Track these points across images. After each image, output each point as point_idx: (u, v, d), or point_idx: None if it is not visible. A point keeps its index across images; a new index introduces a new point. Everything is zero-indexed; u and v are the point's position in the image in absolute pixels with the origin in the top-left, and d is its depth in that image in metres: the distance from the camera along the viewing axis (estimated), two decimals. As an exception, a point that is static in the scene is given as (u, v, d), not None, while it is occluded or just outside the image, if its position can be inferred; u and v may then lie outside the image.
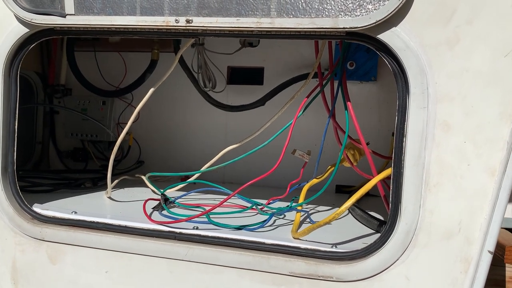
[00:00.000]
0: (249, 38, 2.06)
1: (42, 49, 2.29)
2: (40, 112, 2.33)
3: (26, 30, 1.32)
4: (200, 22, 1.19)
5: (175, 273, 1.28)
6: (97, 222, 1.36)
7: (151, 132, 2.32)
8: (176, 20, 1.20)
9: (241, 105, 2.08)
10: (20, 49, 1.35)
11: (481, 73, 1.06)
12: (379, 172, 1.29)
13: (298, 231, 1.31)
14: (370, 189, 1.24)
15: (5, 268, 1.41)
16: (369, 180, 1.29)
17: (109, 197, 1.70)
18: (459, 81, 1.07)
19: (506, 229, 1.77)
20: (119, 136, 1.60)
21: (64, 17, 1.27)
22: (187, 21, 1.19)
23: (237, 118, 2.19)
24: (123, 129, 1.60)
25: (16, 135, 1.38)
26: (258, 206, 1.61)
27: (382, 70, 1.99)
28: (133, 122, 1.63)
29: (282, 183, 1.77)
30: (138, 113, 1.61)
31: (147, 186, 1.83)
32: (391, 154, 1.80)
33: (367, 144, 1.37)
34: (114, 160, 1.67)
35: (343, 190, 2.10)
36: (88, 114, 2.22)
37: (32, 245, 1.39)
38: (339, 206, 1.22)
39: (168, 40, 2.06)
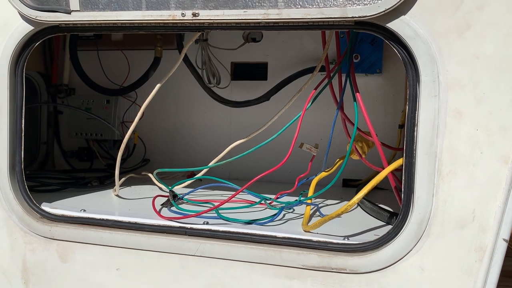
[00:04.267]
0: (256, 31, 2.05)
1: (45, 49, 2.28)
2: (44, 113, 2.32)
3: (31, 28, 1.31)
4: (207, 15, 1.18)
5: (187, 269, 1.27)
6: (107, 220, 1.35)
7: (156, 130, 2.31)
8: (183, 14, 1.19)
9: (246, 100, 2.07)
10: (25, 47, 1.34)
11: (492, 60, 1.05)
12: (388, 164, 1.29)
13: (309, 224, 1.31)
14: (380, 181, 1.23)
15: (16, 267, 1.40)
16: (378, 172, 1.28)
17: (117, 195, 1.70)
18: (470, 68, 1.06)
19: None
20: (124, 134, 1.59)
21: (69, 13, 1.26)
22: (194, 15, 1.18)
23: (241, 114, 2.18)
24: (127, 127, 1.59)
25: (23, 134, 1.37)
26: (267, 201, 1.60)
27: (387, 62, 1.99)
28: (138, 120, 1.62)
29: (289, 178, 1.77)
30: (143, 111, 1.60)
31: (154, 184, 1.82)
32: (399, 146, 1.81)
33: (376, 135, 1.36)
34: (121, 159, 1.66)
35: (350, 184, 2.09)
36: (92, 113, 2.21)
37: (42, 244, 1.38)
38: (347, 200, 1.21)
39: (171, 37, 2.05)
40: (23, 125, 1.37)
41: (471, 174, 1.08)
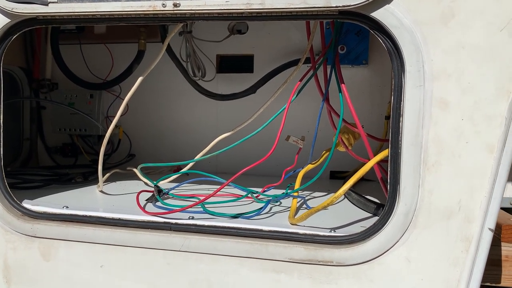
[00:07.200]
0: (239, 21, 2.02)
1: (26, 43, 2.23)
2: (27, 109, 2.28)
3: (8, 20, 1.27)
4: (188, 5, 1.15)
5: (172, 265, 1.25)
6: (90, 216, 1.32)
7: (141, 125, 2.28)
8: (163, 4, 1.16)
9: (232, 93, 2.05)
10: (1, 41, 1.30)
11: (478, 49, 1.04)
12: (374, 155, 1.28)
13: (295, 217, 1.29)
14: (366, 173, 1.22)
15: (-3, 266, 1.37)
16: (364, 164, 1.27)
17: (101, 191, 1.67)
18: (455, 58, 1.05)
19: (502, 208, 1.77)
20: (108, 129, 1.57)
21: (47, 5, 1.22)
22: (175, 5, 1.16)
23: (228, 107, 2.16)
24: (112, 122, 1.56)
25: (1, 129, 1.34)
26: (254, 194, 1.59)
27: (374, 53, 1.98)
28: (122, 115, 1.59)
29: (276, 172, 1.76)
30: (127, 105, 1.57)
31: (139, 179, 1.80)
32: (386, 137, 1.80)
33: (362, 127, 1.35)
34: (105, 154, 1.63)
35: (337, 176, 2.09)
36: (76, 108, 2.18)
37: (24, 242, 1.35)
38: (335, 192, 1.20)
39: (154, 29, 2.02)
40: (1, 120, 1.33)
41: (457, 164, 1.08)
